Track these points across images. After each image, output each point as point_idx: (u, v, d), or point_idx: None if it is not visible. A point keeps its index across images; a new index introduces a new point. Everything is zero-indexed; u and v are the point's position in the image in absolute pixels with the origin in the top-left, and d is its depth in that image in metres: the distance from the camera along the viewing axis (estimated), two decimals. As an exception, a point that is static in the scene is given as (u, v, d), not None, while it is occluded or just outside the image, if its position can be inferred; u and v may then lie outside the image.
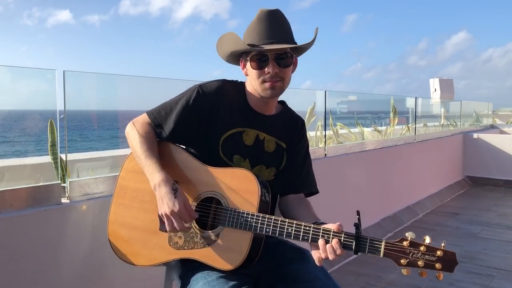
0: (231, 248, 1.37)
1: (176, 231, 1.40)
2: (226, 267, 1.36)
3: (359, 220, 1.27)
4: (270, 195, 1.46)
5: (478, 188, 6.74)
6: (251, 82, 1.54)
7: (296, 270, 1.46)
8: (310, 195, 1.67)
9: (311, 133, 4.17)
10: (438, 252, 1.20)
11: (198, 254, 1.40)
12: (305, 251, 1.56)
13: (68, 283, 1.82)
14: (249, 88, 1.57)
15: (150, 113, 1.55)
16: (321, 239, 1.29)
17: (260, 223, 1.35)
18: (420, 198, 5.40)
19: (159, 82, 2.89)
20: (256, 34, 1.48)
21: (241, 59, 1.55)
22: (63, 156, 2.09)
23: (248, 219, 1.36)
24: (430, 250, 1.21)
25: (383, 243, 1.24)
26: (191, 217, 1.38)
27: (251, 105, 1.58)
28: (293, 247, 1.59)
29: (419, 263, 1.20)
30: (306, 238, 1.31)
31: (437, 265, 1.19)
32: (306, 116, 4.02)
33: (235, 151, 1.53)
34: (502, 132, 8.90)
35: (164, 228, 1.43)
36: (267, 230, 1.35)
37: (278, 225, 1.34)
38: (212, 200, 1.45)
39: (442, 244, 1.22)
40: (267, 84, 1.49)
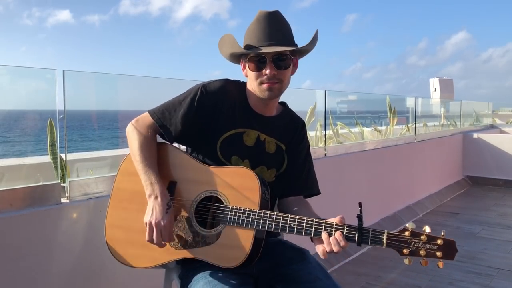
0: (233, 246, 1.37)
1: (152, 243, 1.41)
2: (228, 265, 1.36)
3: (361, 212, 1.27)
4: (270, 194, 1.46)
5: (478, 188, 6.74)
6: (250, 83, 1.54)
7: (296, 270, 1.46)
8: (311, 196, 1.66)
9: (311, 132, 4.17)
10: (439, 241, 1.23)
11: (199, 253, 1.40)
12: (305, 251, 1.56)
13: (68, 283, 1.82)
14: (249, 88, 1.57)
15: (153, 113, 1.53)
16: (324, 233, 1.29)
17: (262, 219, 1.35)
18: (420, 198, 5.40)
19: (159, 82, 2.89)
20: (254, 35, 1.48)
21: (241, 60, 1.55)
22: (63, 155, 2.09)
23: (250, 216, 1.36)
24: (431, 239, 1.23)
25: (385, 234, 1.25)
26: (169, 238, 1.41)
27: (251, 106, 1.57)
28: (293, 247, 1.59)
29: (421, 252, 1.23)
30: (309, 232, 1.32)
31: (438, 253, 1.22)
32: (306, 116, 4.02)
33: (234, 152, 1.53)
34: (502, 132, 8.90)
35: None
36: (270, 226, 1.35)
37: (281, 220, 1.34)
38: (212, 199, 1.45)
39: (442, 233, 1.24)
40: (264, 86, 1.48)
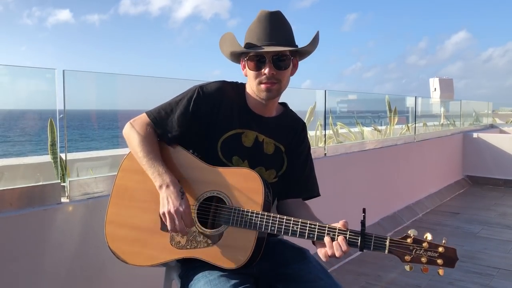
0: (235, 247, 1.37)
1: (176, 232, 1.40)
2: (229, 266, 1.36)
3: (364, 218, 1.28)
4: (272, 195, 1.46)
5: (478, 188, 6.74)
6: (249, 83, 1.54)
7: (297, 270, 1.46)
8: (311, 198, 1.66)
9: (311, 132, 4.17)
10: (440, 249, 1.24)
11: (201, 253, 1.40)
12: (305, 250, 1.56)
13: (68, 283, 1.82)
14: (248, 89, 1.57)
15: (150, 113, 1.53)
16: (327, 237, 1.30)
17: (265, 221, 1.35)
18: (420, 198, 5.40)
19: (159, 82, 2.89)
20: (255, 35, 1.48)
21: (241, 60, 1.55)
22: (63, 155, 2.09)
23: (253, 217, 1.36)
24: (432, 246, 1.24)
25: (387, 240, 1.26)
26: (191, 223, 1.40)
27: (250, 106, 1.57)
28: (293, 247, 1.59)
29: (422, 259, 1.24)
30: (311, 236, 1.32)
31: (439, 261, 1.23)
32: (306, 116, 4.02)
33: (234, 152, 1.53)
34: (502, 132, 8.90)
35: (166, 228, 1.43)
36: (272, 228, 1.35)
37: (284, 223, 1.34)
38: (214, 199, 1.45)
39: (443, 241, 1.25)
40: (263, 86, 1.48)
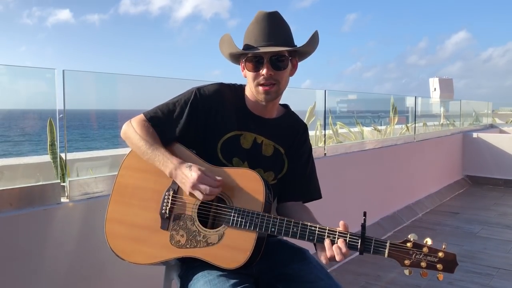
0: (234, 247, 1.37)
1: (210, 198, 1.38)
2: (229, 266, 1.36)
3: (365, 221, 1.28)
4: (272, 196, 1.46)
5: (478, 188, 6.74)
6: (248, 84, 1.54)
7: (297, 270, 1.46)
8: (312, 201, 1.65)
9: (310, 132, 4.16)
10: (440, 254, 1.24)
11: (200, 253, 1.40)
12: (305, 250, 1.56)
13: (68, 282, 1.82)
14: (248, 91, 1.57)
15: (147, 113, 1.54)
16: (327, 239, 1.30)
17: (265, 222, 1.35)
18: (419, 198, 5.40)
19: (159, 82, 2.89)
20: (252, 36, 1.48)
21: (240, 61, 1.55)
22: (63, 155, 2.09)
23: (253, 218, 1.36)
24: (432, 251, 1.24)
25: (387, 244, 1.26)
26: (213, 179, 1.37)
27: (249, 108, 1.57)
28: (293, 247, 1.59)
29: (421, 264, 1.24)
30: (311, 238, 1.32)
31: (438, 266, 1.23)
32: (306, 116, 4.02)
33: (234, 154, 1.53)
34: (502, 132, 8.91)
35: (166, 226, 1.43)
36: (272, 229, 1.35)
37: (284, 224, 1.34)
38: (214, 199, 1.44)
39: (443, 246, 1.25)
40: (261, 89, 1.48)
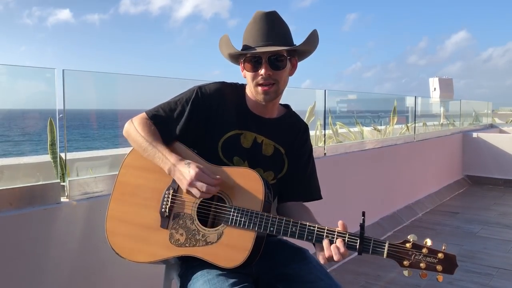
0: (233, 246, 1.37)
1: (207, 196, 1.38)
2: (228, 265, 1.36)
3: (364, 221, 1.28)
4: (272, 196, 1.46)
5: (478, 187, 6.74)
6: (248, 84, 1.54)
7: (297, 270, 1.46)
8: (312, 201, 1.65)
9: (310, 132, 4.16)
10: (439, 255, 1.22)
11: (199, 252, 1.40)
12: (305, 250, 1.56)
13: (68, 282, 1.82)
14: (248, 90, 1.57)
15: (149, 112, 1.54)
16: (325, 239, 1.30)
17: (264, 222, 1.35)
18: (419, 197, 5.40)
19: (159, 81, 2.89)
20: (251, 36, 1.48)
21: (239, 62, 1.55)
22: (63, 155, 2.09)
23: (252, 217, 1.36)
24: (432, 252, 1.23)
25: (386, 245, 1.25)
26: (211, 177, 1.37)
27: (250, 107, 1.57)
28: (292, 247, 1.59)
29: (421, 264, 1.22)
30: (310, 238, 1.32)
31: (438, 267, 1.22)
32: (306, 116, 4.02)
33: (234, 153, 1.53)
34: (502, 132, 8.90)
35: (166, 225, 1.43)
36: (271, 229, 1.35)
37: (283, 224, 1.34)
38: (214, 198, 1.45)
39: (443, 246, 1.24)
40: (260, 89, 1.48)
